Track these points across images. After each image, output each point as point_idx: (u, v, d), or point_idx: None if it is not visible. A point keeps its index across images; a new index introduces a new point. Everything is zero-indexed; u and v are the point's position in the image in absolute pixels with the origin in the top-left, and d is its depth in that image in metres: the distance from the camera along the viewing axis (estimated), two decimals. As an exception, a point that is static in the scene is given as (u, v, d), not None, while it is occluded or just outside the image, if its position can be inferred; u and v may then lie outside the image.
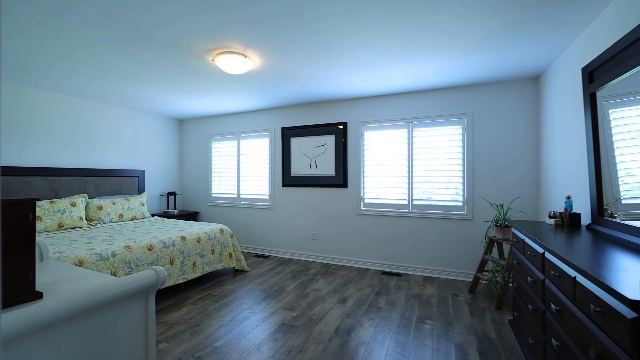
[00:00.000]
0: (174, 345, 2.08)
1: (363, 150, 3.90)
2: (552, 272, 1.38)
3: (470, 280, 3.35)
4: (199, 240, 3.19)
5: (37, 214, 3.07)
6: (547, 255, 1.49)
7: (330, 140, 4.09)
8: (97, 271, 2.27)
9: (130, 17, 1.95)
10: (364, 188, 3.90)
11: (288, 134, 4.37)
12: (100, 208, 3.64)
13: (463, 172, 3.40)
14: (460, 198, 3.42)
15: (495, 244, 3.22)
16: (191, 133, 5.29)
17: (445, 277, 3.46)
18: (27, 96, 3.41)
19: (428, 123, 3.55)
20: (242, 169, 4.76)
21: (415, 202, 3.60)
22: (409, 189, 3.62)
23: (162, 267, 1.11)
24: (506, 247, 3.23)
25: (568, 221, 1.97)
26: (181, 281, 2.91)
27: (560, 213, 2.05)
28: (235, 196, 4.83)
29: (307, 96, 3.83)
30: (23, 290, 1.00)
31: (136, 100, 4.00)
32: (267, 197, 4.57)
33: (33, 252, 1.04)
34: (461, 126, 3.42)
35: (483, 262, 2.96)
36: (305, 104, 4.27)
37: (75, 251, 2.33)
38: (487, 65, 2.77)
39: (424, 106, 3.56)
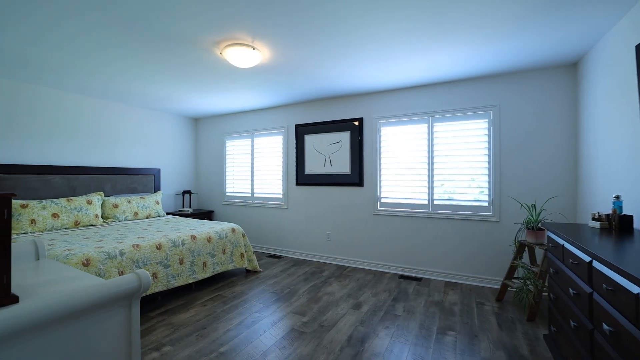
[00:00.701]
0: (178, 349, 1.99)
1: (380, 147, 3.70)
2: (604, 285, 1.15)
3: (498, 287, 3.08)
4: (209, 240, 3.12)
5: (54, 211, 3.12)
6: (596, 264, 1.26)
7: (345, 137, 3.92)
8: (105, 270, 2.24)
9: (135, 11, 1.88)
10: (380, 187, 3.71)
11: (302, 131, 4.24)
12: (115, 206, 3.67)
13: (489, 169, 3.13)
14: (486, 198, 3.15)
15: (526, 249, 2.93)
16: (206, 132, 5.29)
17: (469, 283, 3.20)
18: (48, 96, 3.48)
19: (450, 117, 3.30)
20: (256, 168, 4.69)
21: (436, 202, 3.36)
22: (429, 188, 3.38)
23: (145, 271, 1.00)
24: (539, 252, 2.93)
25: (617, 224, 1.70)
26: (191, 281, 2.85)
27: (607, 215, 1.78)
28: (249, 195, 4.77)
29: (320, 91, 3.69)
30: (-2, 293, 0.92)
31: (152, 100, 4.02)
32: (280, 196, 4.47)
33: (8, 252, 0.95)
34: (487, 120, 3.15)
35: (512, 268, 2.69)
36: (319, 100, 4.12)
37: (84, 249, 2.31)
38: (519, 50, 2.50)
39: (446, 99, 3.32)
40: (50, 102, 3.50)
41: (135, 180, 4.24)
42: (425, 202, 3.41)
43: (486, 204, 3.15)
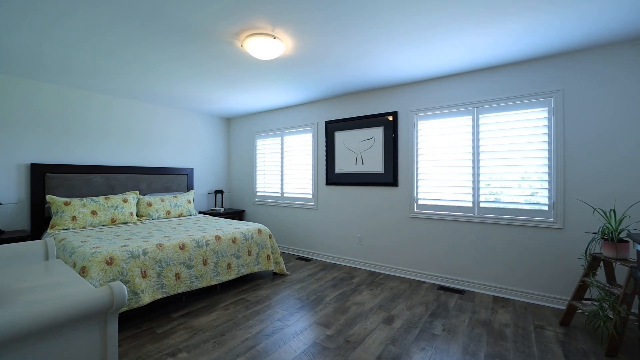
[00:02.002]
0: (193, 357, 1.89)
1: (416, 143, 3.35)
2: None
3: (563, 308, 2.58)
4: (234, 241, 3.04)
5: (93, 209, 3.25)
6: None
7: (378, 132, 3.62)
8: (128, 269, 2.22)
9: (158, 8, 1.81)
10: (417, 187, 3.35)
11: (332, 127, 4.03)
12: (149, 205, 3.76)
13: (550, 167, 2.64)
14: (544, 200, 2.67)
15: (602, 264, 2.41)
16: (238, 131, 5.30)
17: (524, 300, 2.74)
18: (85, 99, 3.68)
19: (499, 107, 2.86)
20: (286, 167, 4.57)
21: (482, 205, 2.94)
22: (474, 189, 2.97)
23: (120, 284, 0.86)
24: (620, 270, 2.39)
25: None
26: (215, 283, 2.78)
27: None
28: (279, 195, 4.66)
29: (350, 84, 3.44)
30: (-32, 301, 0.83)
31: (183, 100, 4.08)
32: (310, 196, 4.30)
33: (-17, 256, 0.86)
34: (546, 108, 2.66)
35: (582, 287, 2.21)
36: (349, 94, 3.87)
37: (110, 247, 2.33)
38: (593, 19, 2.04)
39: (494, 86, 2.88)
40: (98, 106, 3.69)
41: (169, 179, 4.35)
42: (470, 204, 3.00)
43: (545, 207, 2.67)
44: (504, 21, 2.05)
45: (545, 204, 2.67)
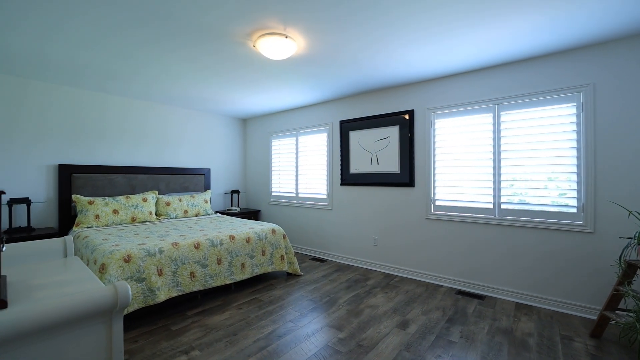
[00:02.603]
0: (205, 356, 1.90)
1: (433, 142, 3.24)
2: None
3: (593, 318, 2.41)
4: (248, 240, 3.06)
5: (115, 208, 3.38)
6: None
7: (393, 132, 3.54)
8: (144, 267, 2.28)
9: (169, 10, 1.85)
10: (434, 188, 3.24)
11: (347, 127, 3.98)
12: (168, 204, 3.87)
13: (579, 166, 2.47)
14: (571, 202, 2.50)
15: (639, 272, 2.23)
16: (253, 132, 5.36)
17: (550, 309, 2.58)
18: (107, 102, 3.83)
19: (522, 103, 2.71)
20: (300, 167, 4.57)
21: (503, 207, 2.79)
22: (494, 190, 2.83)
23: (125, 283, 0.86)
24: (656, 276, 2.20)
25: None
26: (229, 282, 2.80)
27: None
28: (294, 195, 4.66)
29: (365, 83, 3.38)
30: (-16, 297, 0.86)
31: (200, 101, 4.16)
32: (324, 196, 4.27)
33: (-2, 253, 0.89)
34: (574, 104, 2.50)
35: (616, 296, 2.05)
36: (364, 93, 3.81)
37: (128, 245, 2.40)
38: (631, 8, 1.88)
39: (517, 82, 2.73)
40: (124, 110, 3.84)
41: (187, 179, 4.45)
42: (490, 205, 2.86)
43: (573, 209, 2.50)
44: (524, 13, 1.93)
45: (574, 206, 2.50)
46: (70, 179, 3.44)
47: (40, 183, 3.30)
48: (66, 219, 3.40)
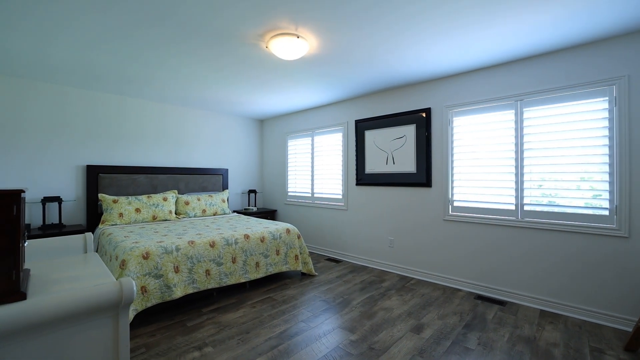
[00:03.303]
0: (217, 352, 1.94)
1: (451, 141, 3.13)
2: None
3: (628, 330, 2.23)
4: (262, 240, 3.09)
5: (137, 206, 3.52)
6: None
7: (409, 130, 3.46)
8: (162, 264, 2.36)
9: (182, 12, 1.90)
10: (452, 188, 3.13)
11: (362, 126, 3.93)
12: (187, 203, 3.99)
13: (612, 165, 2.30)
14: (605, 204, 2.33)
15: (678, 279, 2.04)
16: (270, 132, 5.42)
17: (578, 318, 2.42)
18: (130, 105, 4.00)
19: (547, 99, 2.56)
20: (316, 167, 4.57)
21: (527, 208, 2.65)
22: (517, 190, 2.69)
23: (130, 280, 0.89)
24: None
25: None
26: (243, 280, 2.84)
27: None
28: (309, 195, 4.67)
29: (380, 81, 3.32)
30: (3, 289, 0.91)
31: (216, 103, 4.26)
32: (340, 196, 4.24)
33: (17, 249, 0.94)
34: (606, 98, 2.32)
35: (652, 306, 1.88)
36: (379, 92, 3.75)
37: (147, 243, 2.49)
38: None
39: (541, 76, 2.58)
40: (149, 112, 4.01)
41: (205, 179, 4.57)
42: (512, 207, 2.73)
43: (605, 212, 2.33)
44: (544, 4, 1.82)
45: (606, 208, 2.33)
46: (97, 178, 3.62)
47: (70, 183, 3.51)
48: (93, 216, 3.59)
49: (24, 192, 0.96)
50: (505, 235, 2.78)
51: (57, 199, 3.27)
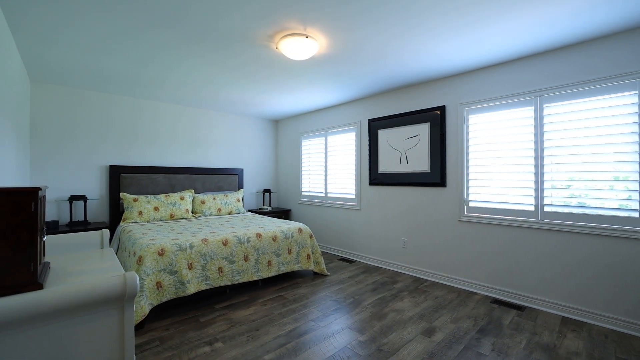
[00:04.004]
0: (227, 348, 1.98)
1: (467, 140, 3.04)
2: None
3: (657, 339, 2.08)
4: (274, 239, 3.12)
5: (155, 205, 3.66)
6: None
7: (423, 129, 3.38)
8: (176, 260, 2.43)
9: (192, 14, 1.96)
10: (468, 188, 3.04)
11: (375, 126, 3.89)
12: (203, 202, 4.09)
13: (641, 164, 2.15)
14: (635, 205, 2.18)
15: None
16: (284, 132, 5.47)
17: (605, 326, 2.27)
18: (150, 108, 4.16)
19: (569, 94, 2.42)
20: (329, 167, 4.56)
21: (547, 209, 2.53)
22: (536, 190, 2.57)
23: (134, 274, 0.92)
24: None
25: None
26: (255, 278, 2.89)
27: None
28: (323, 195, 4.67)
29: (392, 79, 3.27)
30: (23, 280, 0.96)
31: (231, 104, 4.35)
32: (353, 196, 4.22)
33: (35, 243, 1.00)
34: (635, 92, 2.17)
35: (686, 316, 1.74)
36: (392, 90, 3.69)
37: (163, 240, 2.58)
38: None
39: (562, 70, 2.45)
40: (165, 114, 4.17)
41: (221, 179, 4.68)
42: (532, 208, 2.61)
43: (635, 214, 2.18)
44: (570, -9, 1.73)
45: (635, 210, 2.18)
46: (119, 178, 3.79)
47: (94, 182, 3.69)
48: (116, 214, 3.76)
49: (40, 189, 1.02)
50: (524, 237, 2.66)
51: (83, 198, 3.45)
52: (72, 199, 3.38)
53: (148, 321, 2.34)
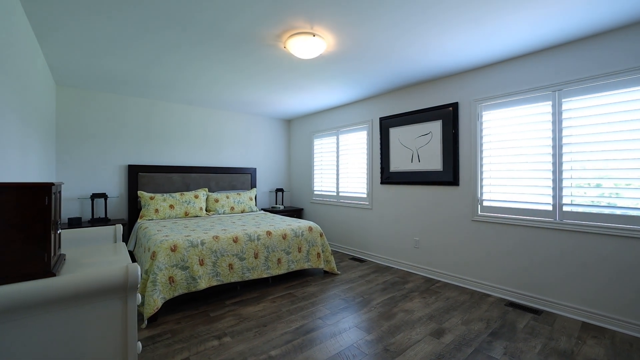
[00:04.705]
0: (235, 343, 2.02)
1: (481, 137, 2.95)
2: None
3: (687, 348, 1.94)
4: (284, 237, 3.15)
5: (171, 203, 3.78)
6: None
7: (435, 127, 3.31)
8: (188, 256, 2.51)
9: (202, 16, 2.01)
10: (482, 187, 2.95)
11: (386, 124, 3.85)
12: (216, 201, 4.19)
13: (669, 161, 2.01)
14: (663, 205, 2.04)
15: None
16: (297, 132, 5.50)
17: (629, 334, 2.15)
18: (166, 109, 4.29)
19: (590, 88, 2.30)
20: (341, 166, 4.55)
21: (566, 209, 2.41)
22: (554, 189, 2.46)
23: (136, 265, 0.96)
24: None
25: None
26: (265, 276, 2.92)
27: None
28: (335, 194, 4.67)
29: (402, 77, 3.22)
30: (37, 269, 1.03)
31: (243, 104, 4.42)
32: (364, 195, 4.19)
33: (48, 234, 1.06)
34: (665, 85, 2.04)
35: None
36: (403, 88, 3.64)
37: (176, 237, 2.66)
38: None
39: (581, 63, 2.33)
40: (178, 115, 4.30)
41: (234, 178, 4.77)
42: (549, 207, 2.50)
43: (663, 214, 2.04)
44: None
45: (663, 210, 2.04)
46: (137, 177, 3.94)
47: (114, 181, 3.86)
48: (134, 211, 3.92)
49: (54, 185, 1.08)
50: (541, 238, 2.55)
51: (104, 196, 3.61)
52: (94, 196, 3.54)
53: (161, 315, 2.42)
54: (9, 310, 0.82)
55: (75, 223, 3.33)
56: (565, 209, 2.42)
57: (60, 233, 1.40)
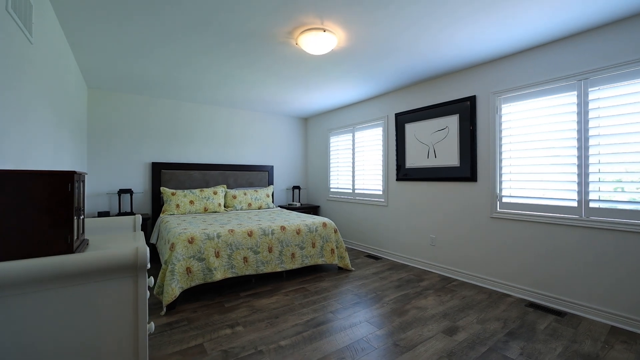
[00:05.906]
0: (247, 332, 2.08)
1: (500, 131, 2.84)
2: None
3: None
4: (298, 232, 3.19)
5: (191, 199, 3.93)
6: None
7: (452, 121, 3.22)
8: (204, 248, 2.60)
9: (219, 19, 2.09)
10: (501, 182, 2.84)
11: (402, 120, 3.79)
12: (234, 197, 4.31)
13: None
14: None
15: None
16: (313, 129, 5.54)
17: (663, 338, 1.99)
18: (191, 110, 4.46)
19: (620, 75, 2.15)
20: (357, 162, 4.54)
21: (592, 205, 2.27)
22: (580, 184, 2.32)
23: (145, 247, 1.02)
24: None
25: None
26: (279, 270, 2.98)
27: None
28: (350, 191, 4.66)
29: (417, 72, 3.16)
30: (61, 250, 1.13)
31: (262, 103, 4.51)
32: (380, 192, 4.15)
33: (71, 217, 1.15)
34: None
35: None
36: (418, 82, 3.57)
37: (194, 230, 2.77)
38: None
39: (610, 49, 2.19)
40: (202, 115, 4.47)
41: (252, 175, 4.88)
42: (574, 204, 2.36)
43: (703, 210, 1.87)
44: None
45: (703, 206, 1.88)
46: (160, 174, 4.14)
47: (139, 177, 4.07)
48: (157, 206, 4.11)
49: (76, 173, 1.17)
50: (565, 236, 2.42)
51: (129, 191, 3.82)
52: (121, 192, 3.76)
53: (179, 303, 2.54)
54: (33, 281, 0.90)
55: (103, 216, 3.55)
56: (592, 205, 2.28)
57: (83, 219, 1.51)
